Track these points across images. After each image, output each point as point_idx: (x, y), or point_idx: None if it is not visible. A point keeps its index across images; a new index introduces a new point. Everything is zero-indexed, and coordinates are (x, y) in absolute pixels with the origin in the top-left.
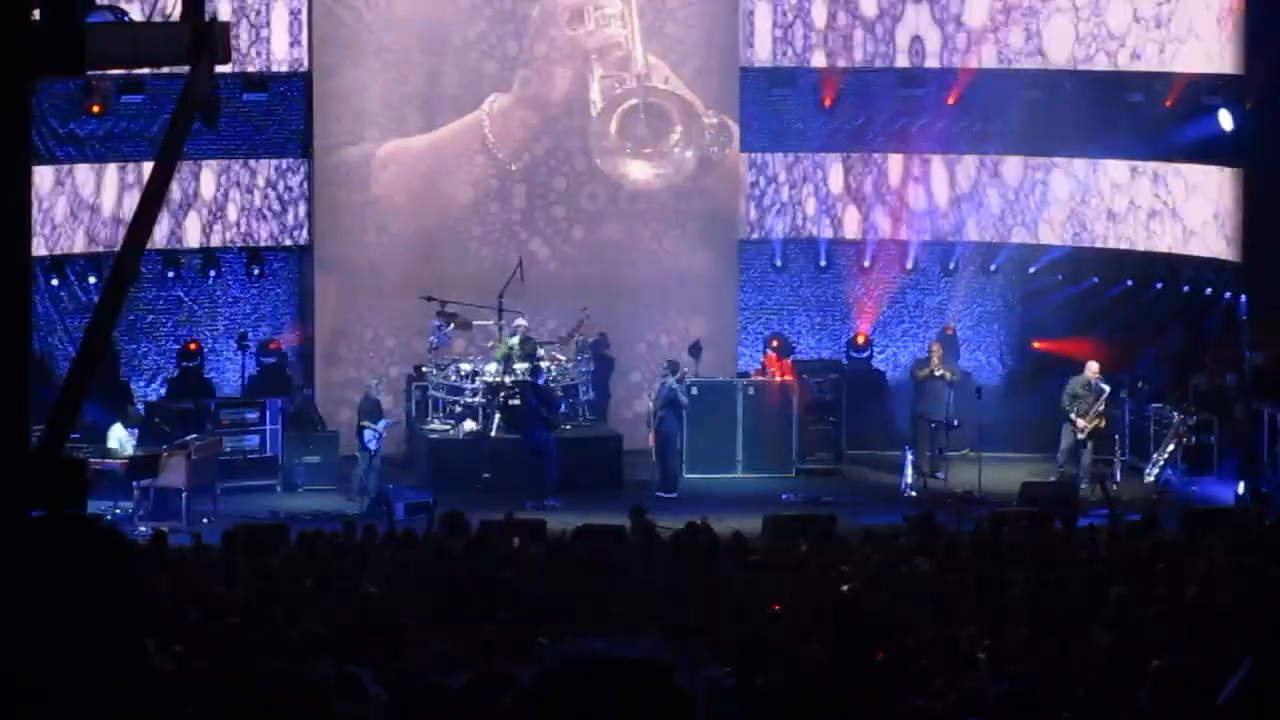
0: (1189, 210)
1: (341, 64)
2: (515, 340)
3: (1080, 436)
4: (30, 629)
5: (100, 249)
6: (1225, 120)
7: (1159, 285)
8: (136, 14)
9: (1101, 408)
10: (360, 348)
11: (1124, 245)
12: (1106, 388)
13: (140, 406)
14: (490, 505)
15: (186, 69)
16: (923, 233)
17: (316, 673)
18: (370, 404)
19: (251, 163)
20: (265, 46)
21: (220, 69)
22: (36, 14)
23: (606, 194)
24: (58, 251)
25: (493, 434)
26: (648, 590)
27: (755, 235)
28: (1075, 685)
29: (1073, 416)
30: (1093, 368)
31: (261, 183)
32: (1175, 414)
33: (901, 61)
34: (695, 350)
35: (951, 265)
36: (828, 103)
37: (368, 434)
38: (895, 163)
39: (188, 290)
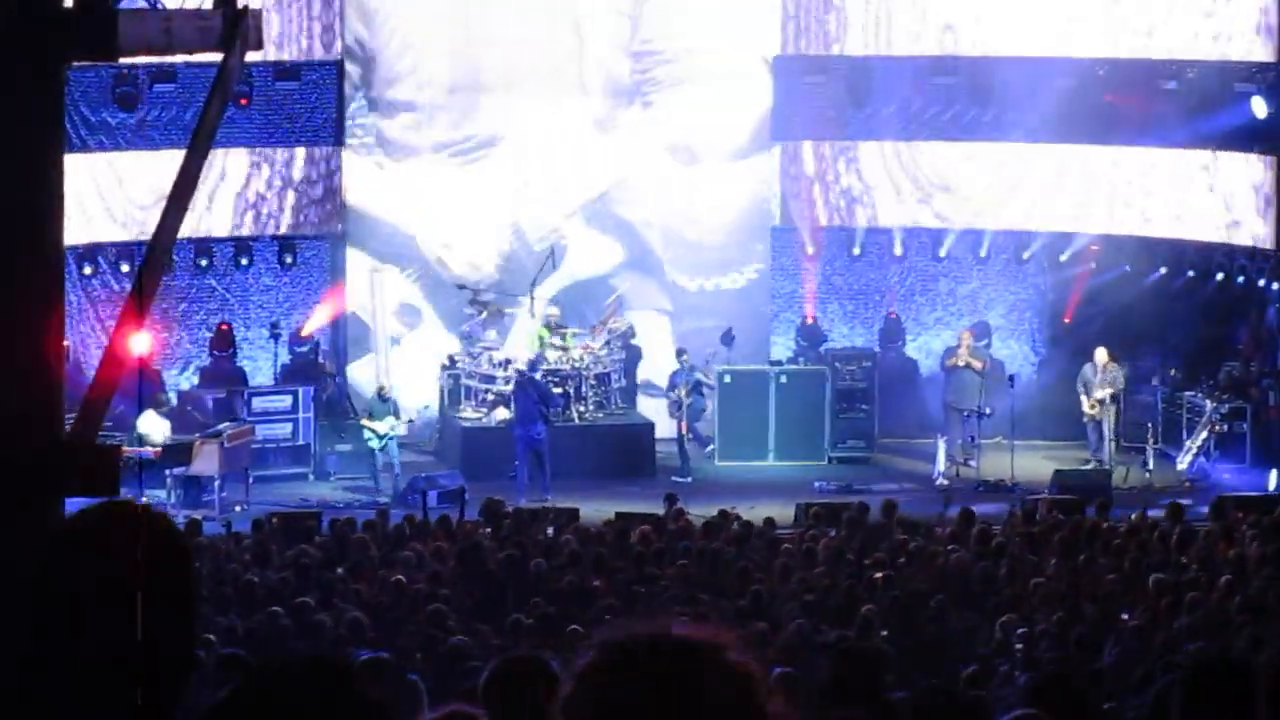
0: (1222, 198)
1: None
2: (548, 328)
3: (1086, 419)
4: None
5: (132, 238)
6: (1259, 107)
7: (1191, 273)
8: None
9: (1102, 393)
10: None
11: (1157, 233)
12: (1117, 373)
13: (175, 394)
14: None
15: (218, 57)
16: (954, 220)
17: (349, 658)
18: (378, 402)
19: (283, 151)
20: (297, 33)
21: (252, 56)
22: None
23: (637, 183)
24: (90, 240)
25: None
26: (680, 577)
27: (788, 223)
28: (1107, 672)
29: (1081, 400)
30: (1100, 353)
31: (294, 171)
32: (1207, 402)
33: (934, 49)
34: (727, 338)
35: (983, 253)
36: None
37: (366, 432)
38: (926, 150)
39: (220, 279)
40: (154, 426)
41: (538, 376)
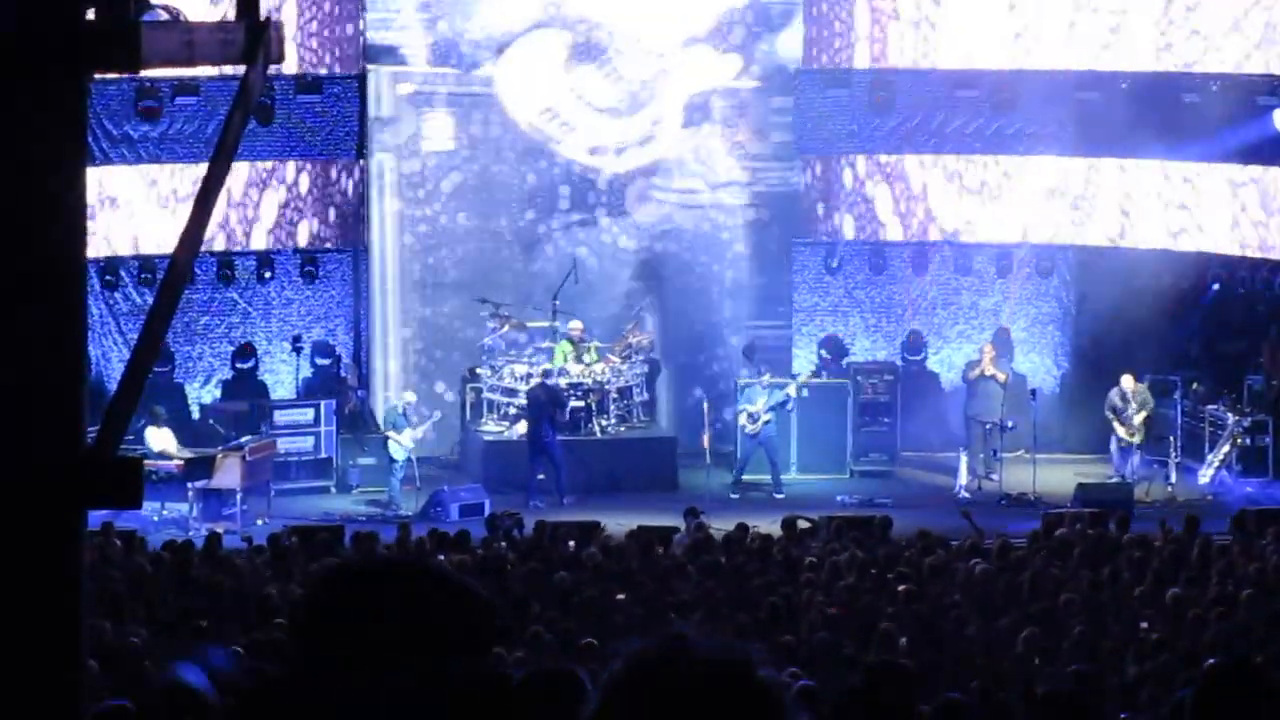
0: (1244, 211)
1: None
2: (570, 343)
3: (1123, 446)
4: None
5: (154, 251)
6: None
7: (1215, 286)
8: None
9: (1139, 418)
10: (413, 349)
11: (1180, 247)
12: (1146, 395)
13: (198, 407)
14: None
15: (240, 69)
16: (976, 234)
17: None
18: (397, 415)
19: (305, 164)
20: (319, 47)
21: (274, 69)
22: (91, 12)
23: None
24: (111, 254)
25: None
26: (700, 592)
27: (810, 237)
28: (1130, 686)
29: (1115, 426)
30: (1127, 380)
31: (316, 185)
32: (1230, 415)
33: (954, 63)
34: (749, 352)
35: (1007, 266)
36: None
37: (391, 444)
38: (947, 164)
39: (242, 292)
40: (165, 441)
41: (549, 382)
